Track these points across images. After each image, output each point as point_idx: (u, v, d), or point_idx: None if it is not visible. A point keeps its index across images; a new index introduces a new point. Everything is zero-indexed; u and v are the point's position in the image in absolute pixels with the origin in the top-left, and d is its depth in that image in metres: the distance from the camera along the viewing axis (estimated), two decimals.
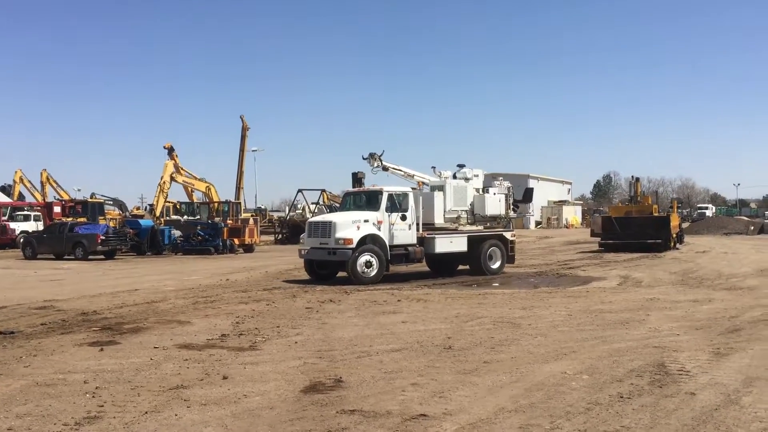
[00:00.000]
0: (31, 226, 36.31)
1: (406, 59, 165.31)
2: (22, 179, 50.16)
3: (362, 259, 16.34)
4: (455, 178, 19.47)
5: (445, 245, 18.06)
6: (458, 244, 18.35)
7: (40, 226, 35.23)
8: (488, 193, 19.78)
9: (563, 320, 10.51)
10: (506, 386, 6.52)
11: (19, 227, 36.31)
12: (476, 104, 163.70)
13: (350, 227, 16.51)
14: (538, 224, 67.40)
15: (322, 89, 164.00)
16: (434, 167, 19.74)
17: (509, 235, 19.59)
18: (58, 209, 36.50)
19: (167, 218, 38.54)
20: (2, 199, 45.15)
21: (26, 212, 39.29)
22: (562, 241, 39.13)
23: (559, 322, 10.36)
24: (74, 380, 6.88)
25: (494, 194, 19.80)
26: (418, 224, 17.59)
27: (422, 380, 6.75)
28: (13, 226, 36.49)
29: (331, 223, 16.85)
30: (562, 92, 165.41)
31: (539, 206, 68.18)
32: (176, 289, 15.81)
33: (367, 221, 16.76)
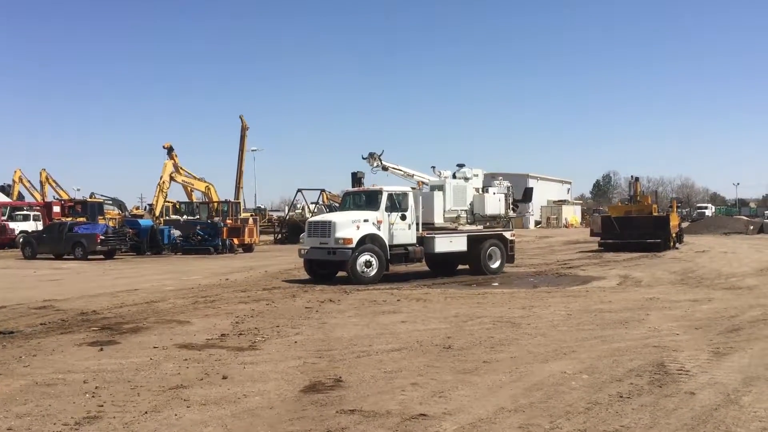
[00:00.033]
0: (30, 225, 36.30)
1: (406, 59, 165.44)
2: (21, 179, 50.22)
3: (362, 258, 16.34)
4: (455, 177, 19.47)
5: (444, 245, 18.06)
6: (458, 243, 18.35)
7: (39, 225, 35.21)
8: (488, 192, 19.79)
9: (563, 320, 10.52)
10: (506, 386, 6.53)
11: (18, 227, 36.31)
12: (476, 104, 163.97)
13: (350, 227, 16.51)
14: (537, 224, 67.37)
15: (321, 89, 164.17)
16: (434, 167, 19.79)
17: (509, 234, 19.59)
18: (57, 209, 36.43)
19: (167, 218, 38.60)
20: (1, 198, 45.04)
21: (25, 212, 39.25)
22: (561, 240, 39.13)
23: (558, 321, 10.36)
24: (74, 380, 6.88)
25: (494, 194, 19.81)
26: (417, 224, 17.59)
27: (422, 380, 6.76)
28: (12, 225, 36.51)
29: (330, 222, 16.85)
30: (562, 92, 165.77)
31: (539, 206, 68.19)
32: (176, 288, 15.81)
33: (366, 221, 16.76)
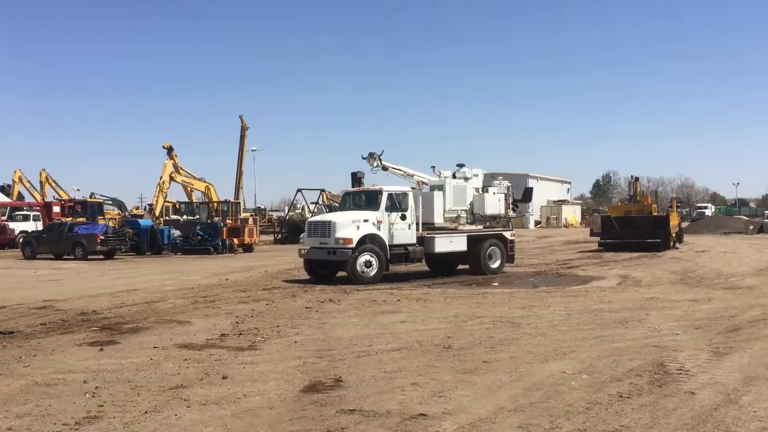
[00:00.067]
0: (30, 226, 36.32)
1: (406, 59, 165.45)
2: (21, 179, 50.17)
3: (362, 258, 16.34)
4: (455, 177, 19.47)
5: (444, 245, 18.05)
6: (458, 243, 18.35)
7: (39, 226, 35.23)
8: (488, 192, 19.79)
9: (563, 320, 10.51)
10: (506, 386, 6.53)
11: (18, 227, 36.33)
12: (476, 104, 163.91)
13: (350, 227, 16.51)
14: (537, 224, 67.38)
15: (321, 89, 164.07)
16: (434, 167, 19.80)
17: (509, 234, 19.59)
18: (57, 209, 36.42)
19: (167, 218, 38.58)
20: (1, 198, 45.04)
21: (25, 212, 39.27)
22: (561, 240, 39.13)
23: (558, 321, 10.36)
24: (74, 380, 6.88)
25: (494, 194, 19.82)
26: (417, 224, 17.59)
27: (422, 380, 6.76)
28: (12, 226, 36.53)
29: (330, 222, 16.85)
30: (562, 92, 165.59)
31: (539, 206, 68.17)
32: (176, 288, 15.81)
33: (366, 221, 16.76)
